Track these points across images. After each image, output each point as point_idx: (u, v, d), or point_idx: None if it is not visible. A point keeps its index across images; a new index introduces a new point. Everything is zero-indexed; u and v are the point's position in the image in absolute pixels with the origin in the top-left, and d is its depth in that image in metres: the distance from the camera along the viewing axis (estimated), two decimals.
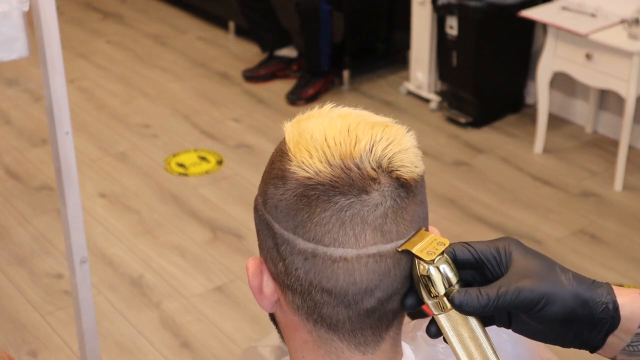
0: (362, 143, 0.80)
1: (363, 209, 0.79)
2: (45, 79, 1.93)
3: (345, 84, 4.27)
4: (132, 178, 3.53)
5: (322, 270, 0.81)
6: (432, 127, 3.88)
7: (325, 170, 0.79)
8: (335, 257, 0.80)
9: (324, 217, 0.79)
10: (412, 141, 0.83)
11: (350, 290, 0.81)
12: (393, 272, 0.81)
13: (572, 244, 3.08)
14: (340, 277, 0.80)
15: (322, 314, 0.83)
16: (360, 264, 0.80)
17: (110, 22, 5.11)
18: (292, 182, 0.81)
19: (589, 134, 3.80)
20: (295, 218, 0.80)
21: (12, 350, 2.64)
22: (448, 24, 3.78)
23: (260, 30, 4.37)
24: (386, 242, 0.80)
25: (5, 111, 4.07)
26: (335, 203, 0.79)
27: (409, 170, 0.81)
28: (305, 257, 0.81)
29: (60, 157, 2.00)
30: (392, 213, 0.80)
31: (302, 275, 0.82)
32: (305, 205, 0.80)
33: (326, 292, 0.81)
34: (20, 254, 3.06)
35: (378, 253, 0.80)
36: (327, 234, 0.79)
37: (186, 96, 4.23)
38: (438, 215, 3.25)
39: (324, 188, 0.79)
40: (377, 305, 0.82)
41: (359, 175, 0.79)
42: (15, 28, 1.88)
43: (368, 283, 0.80)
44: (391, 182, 0.80)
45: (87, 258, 2.14)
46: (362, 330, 0.83)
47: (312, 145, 0.81)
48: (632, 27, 3.21)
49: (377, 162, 0.80)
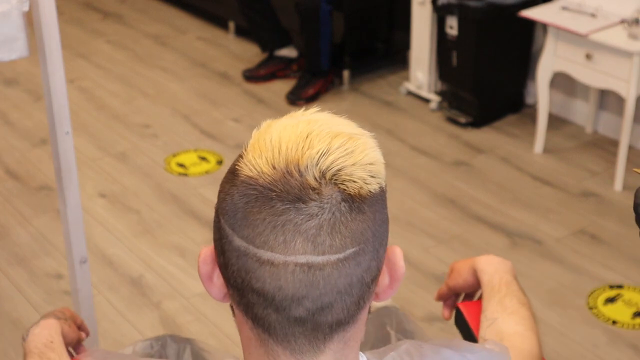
0: (314, 151, 0.79)
1: (298, 217, 0.78)
2: (45, 79, 1.93)
3: (345, 84, 4.27)
4: (132, 178, 3.53)
5: (252, 271, 0.81)
6: (432, 127, 3.88)
7: (268, 173, 0.79)
8: (263, 259, 0.79)
9: (258, 219, 0.79)
10: (375, 157, 0.82)
11: (277, 295, 0.80)
12: (322, 284, 0.79)
13: (572, 244, 3.08)
14: (267, 281, 0.80)
15: (255, 314, 0.83)
16: (287, 271, 0.79)
17: (110, 22, 5.11)
18: (238, 180, 0.82)
19: (589, 134, 3.80)
20: (235, 215, 0.81)
21: (12, 350, 2.64)
22: (448, 24, 3.78)
23: (260, 30, 4.37)
24: (317, 254, 0.79)
25: (5, 111, 4.07)
26: (272, 207, 0.79)
27: (356, 186, 0.79)
28: (238, 255, 0.81)
29: (60, 157, 2.00)
30: (328, 226, 0.78)
31: (236, 271, 0.82)
32: (245, 204, 0.80)
33: (256, 292, 0.81)
34: (20, 254, 3.06)
35: (307, 263, 0.79)
36: (259, 235, 0.79)
37: (186, 96, 4.23)
38: (438, 215, 3.25)
39: (262, 189, 0.79)
40: (307, 316, 0.81)
41: (298, 183, 0.78)
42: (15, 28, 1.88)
43: (294, 291, 0.79)
44: (334, 195, 0.79)
45: (87, 258, 2.14)
46: (295, 338, 0.82)
47: (265, 147, 0.81)
48: (632, 27, 3.21)
49: (321, 172, 0.79)
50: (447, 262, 2.98)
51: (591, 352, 2.61)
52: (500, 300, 1.27)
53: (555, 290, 2.86)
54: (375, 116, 3.94)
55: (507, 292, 1.29)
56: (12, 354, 2.63)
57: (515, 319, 1.24)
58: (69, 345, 1.33)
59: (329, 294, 0.80)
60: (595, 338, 2.66)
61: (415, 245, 3.08)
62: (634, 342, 2.65)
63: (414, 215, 3.25)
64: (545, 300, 2.81)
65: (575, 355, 2.60)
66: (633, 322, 2.72)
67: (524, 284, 3.09)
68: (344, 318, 0.83)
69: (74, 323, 1.37)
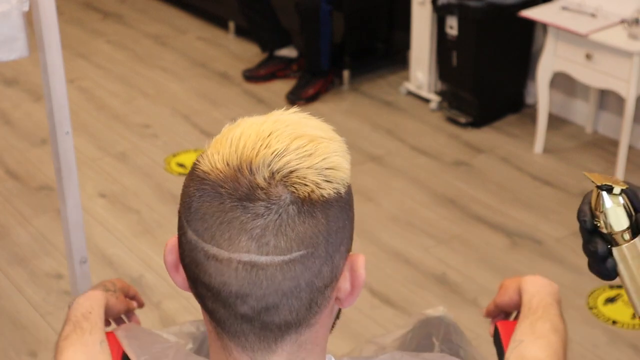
0: (269, 150, 0.79)
1: (244, 215, 0.78)
2: (45, 79, 1.93)
3: (345, 84, 4.27)
4: (132, 178, 3.53)
5: (200, 264, 0.81)
6: (432, 127, 3.88)
7: (221, 169, 0.80)
8: (209, 254, 0.80)
9: (208, 214, 0.80)
10: (336, 162, 0.81)
11: (222, 291, 0.80)
12: (265, 284, 0.79)
13: (572, 244, 3.08)
14: (213, 275, 0.81)
15: (206, 306, 0.84)
16: (231, 267, 0.79)
17: (110, 22, 5.11)
18: (194, 174, 0.83)
19: (589, 134, 3.80)
20: (189, 208, 0.82)
21: (12, 350, 2.64)
22: (448, 24, 3.78)
23: (260, 30, 4.37)
24: (261, 253, 0.78)
25: (5, 111, 4.07)
26: (221, 203, 0.79)
27: (307, 189, 0.78)
28: (190, 248, 0.82)
29: (60, 157, 2.00)
30: (273, 227, 0.78)
31: (189, 264, 0.83)
32: (198, 198, 0.81)
33: (205, 286, 0.82)
34: (20, 254, 3.06)
35: (250, 262, 0.79)
36: (207, 230, 0.80)
37: (186, 96, 4.23)
38: (438, 215, 3.25)
39: (214, 185, 0.80)
40: (252, 314, 0.81)
41: (247, 182, 0.78)
42: (15, 28, 1.88)
43: (238, 289, 0.80)
44: (284, 196, 0.78)
45: (87, 258, 2.14)
46: (244, 335, 0.83)
47: (225, 143, 0.82)
48: (632, 27, 3.21)
49: (272, 172, 0.78)
50: (447, 262, 2.98)
51: (591, 352, 2.61)
52: (532, 322, 1.23)
53: None
54: (375, 116, 3.94)
55: (543, 314, 1.25)
56: (12, 353, 2.63)
57: (540, 345, 1.19)
58: (116, 316, 1.34)
59: (273, 295, 0.79)
60: (595, 338, 2.66)
61: (415, 245, 3.08)
62: (634, 342, 2.65)
63: (414, 215, 3.25)
64: None
65: (575, 355, 2.60)
66: (633, 322, 2.72)
67: None
68: (294, 321, 0.82)
69: (126, 294, 1.37)
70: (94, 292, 1.30)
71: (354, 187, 0.87)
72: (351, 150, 0.85)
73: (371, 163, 3.56)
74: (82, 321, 1.22)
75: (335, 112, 4.01)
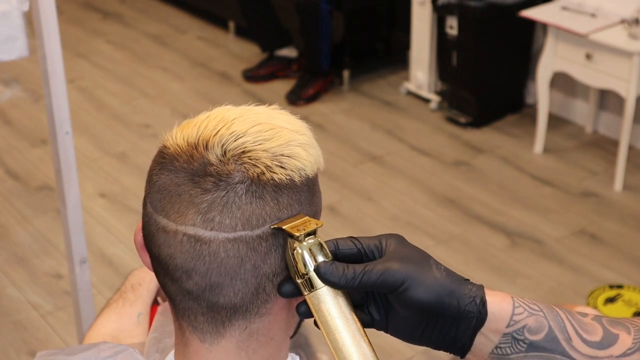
0: (228, 131, 0.81)
1: (194, 189, 0.80)
2: (45, 79, 1.93)
3: (345, 84, 4.27)
4: (132, 178, 3.53)
5: (152, 235, 0.83)
6: (432, 127, 3.88)
7: (180, 145, 0.82)
8: (159, 225, 0.82)
9: (161, 185, 0.82)
10: (296, 153, 0.81)
11: (170, 264, 0.82)
12: (208, 260, 0.79)
13: (572, 244, 3.08)
14: (161, 247, 0.82)
15: (161, 282, 0.85)
16: (176, 240, 0.80)
17: (110, 22, 5.11)
18: (159, 149, 0.85)
19: (589, 134, 3.80)
20: (149, 181, 0.84)
21: (12, 350, 2.64)
22: (448, 24, 3.78)
23: (260, 30, 4.37)
24: (205, 228, 0.79)
25: (5, 111, 4.07)
26: (175, 176, 0.81)
27: (257, 170, 0.79)
28: (147, 220, 0.84)
29: (60, 157, 2.00)
30: (219, 202, 0.79)
31: (146, 236, 0.85)
32: (157, 171, 0.83)
33: (156, 259, 0.84)
34: (20, 254, 3.06)
35: (194, 236, 0.79)
36: (160, 201, 0.82)
37: (186, 96, 4.23)
38: (438, 215, 3.25)
39: (169, 158, 0.82)
40: (198, 292, 0.81)
41: (200, 157, 0.80)
42: (15, 28, 1.88)
43: (182, 262, 0.81)
44: (233, 175, 0.79)
45: (87, 258, 2.14)
46: (194, 314, 0.83)
47: (193, 124, 0.84)
48: (632, 27, 3.21)
49: (225, 150, 0.80)
50: (447, 262, 2.98)
51: None
52: None
53: (555, 290, 2.86)
54: (375, 116, 3.94)
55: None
56: (12, 353, 2.63)
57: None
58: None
59: (216, 273, 0.80)
60: None
61: (415, 245, 3.08)
62: None
63: (414, 215, 3.25)
64: (545, 300, 2.80)
65: None
66: None
67: (524, 284, 3.09)
68: (240, 304, 0.81)
69: None
70: None
71: (354, 187, 0.87)
72: (351, 150, 0.85)
73: (371, 163, 3.56)
74: (129, 292, 1.24)
75: (335, 112, 4.01)
